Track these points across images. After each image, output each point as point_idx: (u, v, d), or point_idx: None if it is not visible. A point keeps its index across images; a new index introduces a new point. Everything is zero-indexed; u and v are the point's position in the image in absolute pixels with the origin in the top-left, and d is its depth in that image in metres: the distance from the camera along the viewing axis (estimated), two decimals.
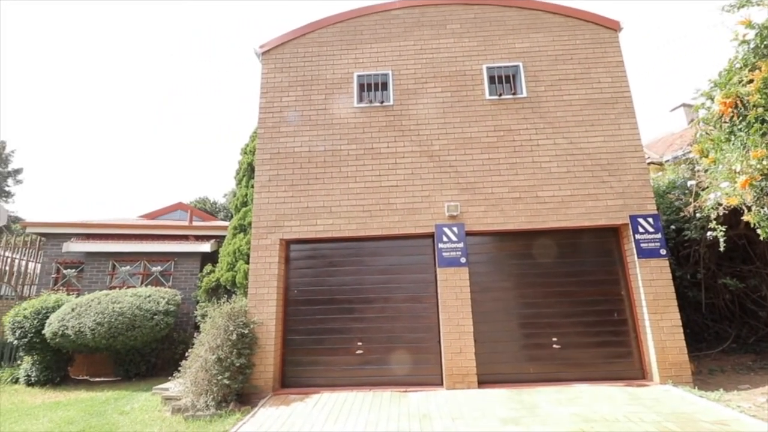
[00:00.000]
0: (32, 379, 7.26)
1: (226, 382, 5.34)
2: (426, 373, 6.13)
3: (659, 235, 6.13)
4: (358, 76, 7.36)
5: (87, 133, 54.92)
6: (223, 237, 9.06)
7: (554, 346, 6.06)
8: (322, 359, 6.36)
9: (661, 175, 8.88)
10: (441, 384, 6.01)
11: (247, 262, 7.43)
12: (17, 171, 30.26)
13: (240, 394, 5.65)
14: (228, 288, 7.90)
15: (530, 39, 7.22)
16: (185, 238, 9.25)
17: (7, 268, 9.72)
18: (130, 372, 7.54)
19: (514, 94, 6.99)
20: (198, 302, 8.28)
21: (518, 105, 6.92)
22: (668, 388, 5.47)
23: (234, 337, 5.64)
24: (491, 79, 7.14)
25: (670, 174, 8.07)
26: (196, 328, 7.99)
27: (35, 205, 43.75)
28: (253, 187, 8.07)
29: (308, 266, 6.84)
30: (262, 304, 6.33)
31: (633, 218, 6.23)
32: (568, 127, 6.74)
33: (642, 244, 6.10)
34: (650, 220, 6.21)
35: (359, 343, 6.34)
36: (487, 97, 6.99)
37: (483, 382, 5.88)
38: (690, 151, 7.83)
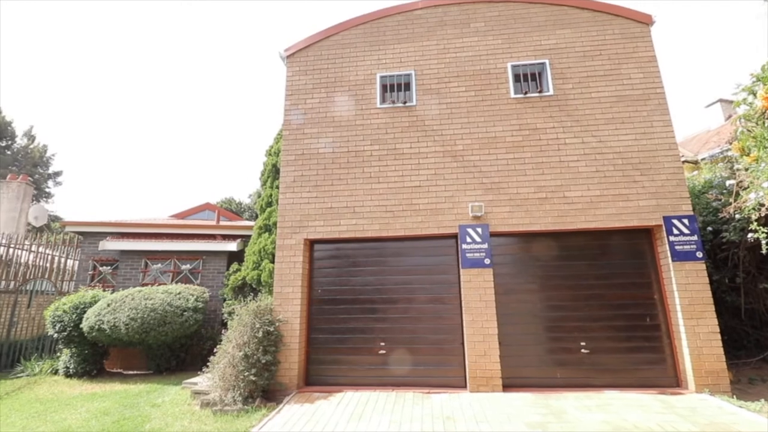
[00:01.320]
0: (70, 370, 7.62)
1: (253, 378, 5.46)
2: (449, 374, 6.08)
3: (695, 237, 5.87)
4: (381, 76, 7.38)
5: (118, 135, 57.31)
6: (249, 236, 9.26)
7: (582, 350, 5.90)
8: (345, 358, 6.41)
9: (696, 174, 8.51)
10: (464, 386, 5.95)
11: (272, 261, 7.58)
12: (57, 173, 31.95)
13: (265, 391, 5.77)
14: (253, 286, 8.07)
15: (557, 35, 7.06)
16: (213, 237, 9.51)
17: (48, 264, 10.26)
18: (160, 366, 7.82)
19: (540, 92, 6.85)
20: (225, 300, 8.49)
21: (544, 103, 6.77)
22: (705, 397, 5.23)
23: (260, 334, 5.76)
24: (516, 78, 7.02)
25: (706, 173, 7.72)
26: (223, 325, 8.20)
27: (72, 205, 46.00)
28: (277, 187, 8.22)
29: (332, 266, 6.91)
30: (287, 303, 6.44)
31: (667, 219, 5.99)
32: (597, 125, 6.55)
33: (677, 247, 5.86)
34: (685, 221, 5.95)
35: (382, 344, 6.35)
36: (512, 95, 6.87)
37: (508, 386, 5.79)
38: (729, 149, 7.48)
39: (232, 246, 9.10)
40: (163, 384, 7.00)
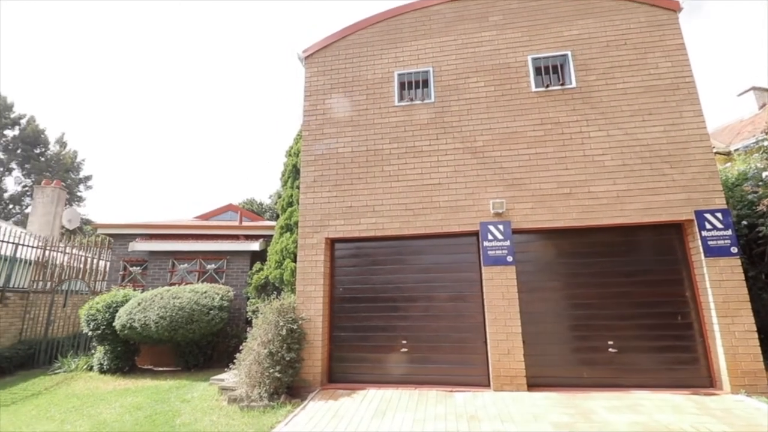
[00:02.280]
0: (104, 367, 7.95)
1: (278, 375, 5.56)
2: (472, 373, 6.04)
3: (729, 232, 5.62)
4: (399, 74, 7.37)
5: (143, 138, 59.19)
6: (271, 236, 9.41)
7: (610, 350, 5.75)
8: (367, 356, 6.45)
9: (729, 166, 8.15)
10: (488, 385, 5.89)
11: (294, 261, 7.69)
12: (87, 178, 33.26)
13: (290, 387, 5.87)
14: (276, 285, 8.21)
15: (579, 26, 6.87)
16: (236, 237, 9.71)
17: (81, 265, 10.71)
18: (189, 363, 8.06)
19: (562, 84, 6.69)
20: (248, 298, 8.67)
21: (567, 96, 6.61)
22: (741, 398, 5.02)
23: (284, 332, 5.86)
24: (537, 71, 6.88)
25: (740, 164, 7.39)
26: (248, 323, 8.38)
27: (102, 208, 47.82)
28: (297, 188, 8.33)
29: (352, 265, 6.96)
30: (309, 301, 6.53)
31: (699, 213, 5.76)
32: (622, 118, 6.35)
33: (709, 242, 5.63)
34: (719, 215, 5.71)
35: (404, 342, 6.36)
36: (533, 89, 6.74)
37: (532, 385, 5.70)
38: (764, 139, 7.13)
39: (255, 246, 9.28)
40: (192, 380, 7.21)
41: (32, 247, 10.06)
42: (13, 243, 9.39)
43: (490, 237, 6.22)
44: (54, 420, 5.47)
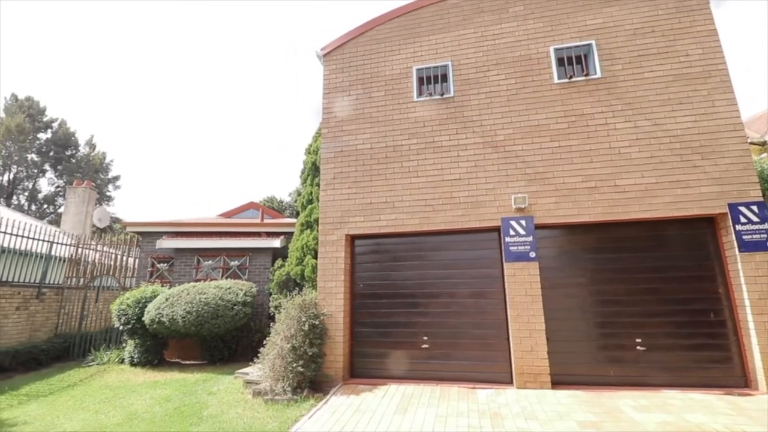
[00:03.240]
0: (135, 360, 8.24)
1: (301, 369, 5.65)
2: (494, 370, 5.98)
3: (766, 226, 5.37)
4: (417, 69, 7.31)
5: (167, 138, 60.82)
6: (291, 233, 9.53)
7: (638, 347, 5.59)
8: (388, 352, 6.47)
9: (765, 156, 7.77)
10: (510, 382, 5.83)
11: (315, 257, 7.78)
12: (116, 178, 34.50)
13: (313, 382, 5.95)
14: (297, 281, 8.32)
15: (603, 14, 6.66)
16: (258, 234, 9.89)
17: (111, 262, 11.12)
18: (214, 356, 8.28)
19: (586, 75, 6.50)
20: (270, 294, 8.83)
21: (591, 87, 6.42)
22: None
23: (306, 327, 5.94)
24: (560, 61, 6.70)
25: None
26: (270, 318, 8.53)
27: (130, 206, 49.52)
28: (317, 185, 8.40)
29: (372, 261, 6.98)
30: (331, 297, 6.59)
31: (733, 207, 5.52)
32: (650, 108, 6.13)
33: (744, 236, 5.39)
34: (754, 208, 5.46)
35: (425, 338, 6.35)
36: (556, 80, 6.57)
37: (556, 383, 5.61)
38: None
39: (276, 243, 9.42)
40: (217, 373, 7.40)
41: (66, 245, 10.50)
42: (48, 241, 9.82)
43: (512, 233, 6.13)
44: (89, 410, 5.71)
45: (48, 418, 5.47)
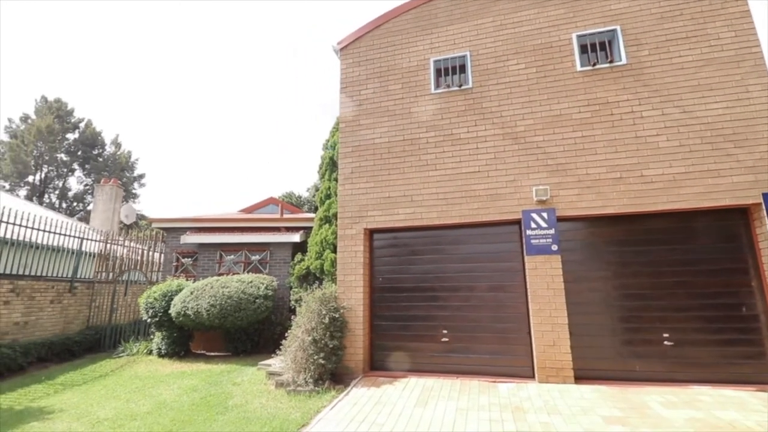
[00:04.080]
0: (162, 351, 8.53)
1: (322, 361, 5.73)
2: (515, 364, 5.92)
3: None
4: (435, 61, 7.23)
5: (189, 136, 62.17)
6: (310, 228, 9.63)
7: (666, 342, 5.43)
8: (408, 345, 6.49)
9: None
10: (532, 377, 5.76)
11: (334, 251, 7.84)
12: (141, 176, 35.52)
13: (334, 374, 6.03)
14: (317, 275, 8.42)
15: None
16: (277, 229, 10.03)
17: (138, 257, 11.50)
18: (238, 348, 8.49)
19: (610, 62, 6.29)
20: (291, 288, 8.96)
21: (616, 74, 6.21)
22: None
23: (326, 320, 6.01)
24: (583, 48, 6.51)
25: None
26: (291, 311, 8.67)
27: (154, 203, 51.01)
28: (335, 180, 8.44)
29: (391, 255, 6.99)
30: (350, 291, 6.64)
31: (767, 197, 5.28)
32: (679, 94, 5.89)
33: None
34: None
35: (444, 331, 6.34)
36: (579, 68, 6.38)
37: (580, 378, 5.51)
38: None
39: (296, 237, 9.54)
40: (241, 365, 7.59)
41: (95, 240, 10.91)
42: (79, 237, 10.22)
43: (533, 225, 6.02)
44: (120, 399, 5.95)
45: (82, 406, 5.72)
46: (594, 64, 6.33)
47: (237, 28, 64.76)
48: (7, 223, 8.16)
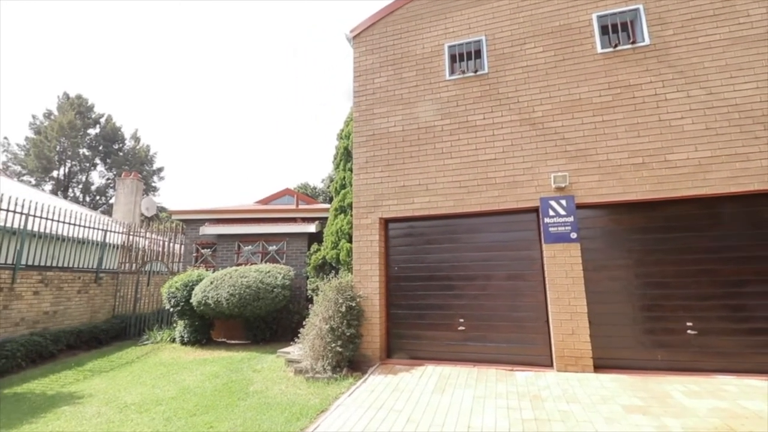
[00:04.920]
0: (184, 339, 8.78)
1: (339, 349, 5.81)
2: (532, 353, 5.89)
3: None
4: (449, 46, 7.09)
5: (205, 129, 63.03)
6: (326, 218, 9.68)
7: (689, 331, 5.31)
8: (424, 333, 6.51)
9: None
10: (550, 365, 5.72)
11: (349, 241, 7.87)
12: (160, 169, 36.25)
13: (351, 361, 6.11)
14: (333, 265, 8.49)
15: None
16: (293, 220, 10.13)
17: (160, 249, 11.80)
18: (257, 336, 8.68)
19: (633, 43, 6.06)
20: (308, 278, 9.07)
21: (639, 55, 5.99)
22: None
23: (343, 308, 6.07)
24: (603, 29, 6.29)
25: None
26: (308, 300, 8.79)
27: (173, 195, 52.08)
28: (350, 170, 8.44)
29: (407, 244, 6.98)
30: (366, 280, 6.68)
31: None
32: (706, 75, 5.65)
33: None
34: None
35: (461, 320, 6.33)
36: (599, 50, 6.18)
37: (599, 367, 5.45)
38: None
39: (311, 228, 9.62)
40: (261, 352, 7.76)
41: (118, 233, 11.22)
42: (102, 230, 10.53)
43: (551, 213, 5.92)
44: (146, 385, 6.17)
45: (110, 391, 5.95)
46: (615, 46, 6.11)
47: (245, 25, 64.81)
48: (35, 216, 8.45)
